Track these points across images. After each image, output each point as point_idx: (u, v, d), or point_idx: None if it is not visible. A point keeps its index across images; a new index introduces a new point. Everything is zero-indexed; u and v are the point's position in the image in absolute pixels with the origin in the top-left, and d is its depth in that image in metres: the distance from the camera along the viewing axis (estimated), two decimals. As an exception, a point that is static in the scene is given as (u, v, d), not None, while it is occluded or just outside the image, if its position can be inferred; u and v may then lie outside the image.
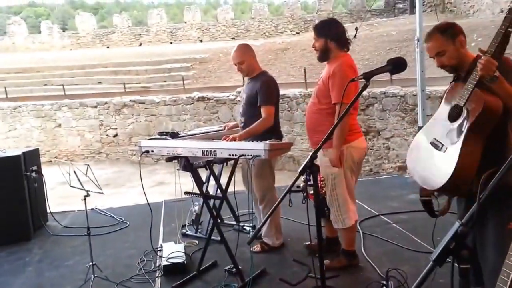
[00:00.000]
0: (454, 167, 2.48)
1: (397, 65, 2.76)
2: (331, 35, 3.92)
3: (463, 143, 2.50)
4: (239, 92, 15.71)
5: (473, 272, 2.80)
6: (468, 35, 14.87)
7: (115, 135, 18.42)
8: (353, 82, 3.34)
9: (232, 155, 3.67)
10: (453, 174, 2.49)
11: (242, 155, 3.59)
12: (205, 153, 3.74)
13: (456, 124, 2.57)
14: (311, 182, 2.54)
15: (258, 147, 3.52)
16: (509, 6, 17.22)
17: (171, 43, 31.34)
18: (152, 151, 4.08)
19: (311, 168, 2.45)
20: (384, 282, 3.41)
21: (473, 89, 2.49)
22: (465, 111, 2.53)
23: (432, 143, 2.70)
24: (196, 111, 16.90)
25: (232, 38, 30.30)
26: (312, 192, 2.73)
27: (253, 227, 5.09)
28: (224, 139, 4.04)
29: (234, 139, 4.01)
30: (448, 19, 19.02)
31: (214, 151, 3.70)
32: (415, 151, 2.90)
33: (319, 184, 2.57)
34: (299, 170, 2.48)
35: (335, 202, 3.97)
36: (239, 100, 4.73)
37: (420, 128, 8.24)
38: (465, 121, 2.51)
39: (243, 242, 4.30)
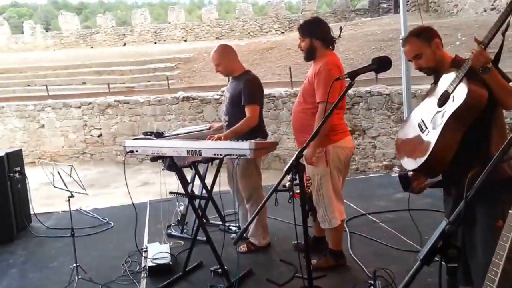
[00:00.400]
0: (430, 151, 2.54)
1: (382, 64, 2.76)
2: (316, 35, 3.91)
3: (442, 128, 2.53)
4: (224, 91, 15.69)
5: (462, 271, 2.80)
6: (452, 34, 15.05)
7: (100, 136, 18.31)
8: (338, 81, 3.34)
9: (217, 154, 3.63)
10: (428, 158, 2.55)
11: (227, 155, 3.55)
12: (190, 152, 3.69)
13: (442, 110, 2.60)
14: (297, 181, 2.50)
15: (244, 146, 3.48)
16: (492, 5, 17.40)
17: (155, 43, 31.19)
18: (137, 151, 4.03)
19: (297, 168, 2.41)
20: (372, 282, 3.38)
21: (462, 77, 2.51)
22: (451, 98, 2.55)
23: (419, 124, 2.74)
24: (181, 111, 16.84)
25: (217, 38, 30.22)
26: (298, 191, 2.70)
27: (239, 227, 5.05)
28: (209, 139, 4.00)
29: (219, 139, 3.97)
30: (431, 18, 19.20)
31: (199, 150, 3.65)
32: (406, 127, 2.94)
33: (305, 184, 2.52)
34: (285, 169, 2.45)
35: (322, 202, 3.95)
36: (223, 100, 4.70)
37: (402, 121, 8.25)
38: (449, 108, 2.54)
39: (229, 242, 4.27)
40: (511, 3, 2.36)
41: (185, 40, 30.95)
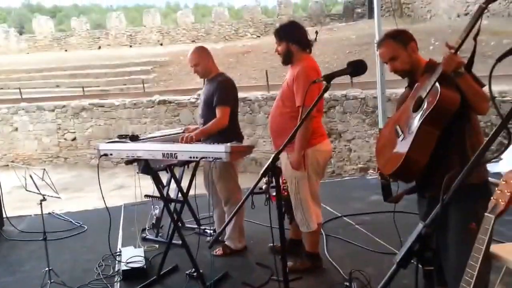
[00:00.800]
0: (405, 155, 2.54)
1: (357, 68, 2.75)
2: (292, 38, 3.91)
3: (416, 132, 2.54)
4: (200, 94, 15.63)
5: (436, 272, 2.82)
6: (426, 39, 15.26)
7: (74, 139, 18.05)
8: (316, 85, 3.35)
9: (193, 157, 3.61)
10: (403, 162, 2.55)
11: (203, 158, 3.54)
12: (165, 155, 3.67)
13: (416, 115, 2.61)
14: (274, 184, 2.50)
15: (219, 149, 3.47)
16: (465, 10, 17.65)
17: (130, 46, 30.93)
18: (111, 154, 3.99)
19: (273, 170, 2.40)
20: (348, 284, 3.40)
21: (434, 82, 2.52)
22: (425, 103, 2.57)
23: (395, 130, 2.76)
24: (157, 114, 16.72)
25: (193, 41, 30.08)
26: (274, 194, 2.70)
27: (214, 230, 5.01)
28: (181, 140, 3.99)
29: (188, 138, 3.96)
30: (405, 23, 19.44)
31: (175, 153, 3.64)
32: (384, 133, 2.97)
33: (282, 186, 2.52)
34: (261, 172, 2.44)
35: (300, 206, 3.94)
36: (199, 102, 4.69)
37: (380, 130, 8.33)
38: (423, 112, 2.55)
39: (205, 245, 4.26)
40: (480, 9, 2.39)
41: (161, 44, 30.77)
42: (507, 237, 4.06)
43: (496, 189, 1.84)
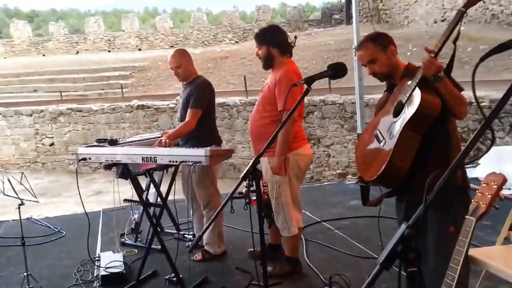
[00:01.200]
0: (387, 161, 2.54)
1: (337, 70, 2.78)
2: (273, 42, 3.90)
3: (398, 138, 2.54)
4: (178, 99, 15.57)
5: (410, 285, 2.84)
6: (404, 45, 15.48)
7: (51, 144, 17.82)
8: (298, 89, 3.39)
9: (173, 161, 3.59)
10: (385, 168, 2.54)
11: (183, 162, 3.51)
12: (145, 159, 3.64)
13: (397, 120, 2.61)
14: (254, 187, 2.49)
15: (199, 153, 3.46)
16: (442, 17, 17.84)
17: (109, 51, 30.73)
18: (90, 158, 3.95)
19: (253, 174, 2.40)
20: (327, 288, 3.40)
21: (415, 87, 2.52)
22: (405, 107, 2.57)
23: (376, 135, 2.75)
24: (135, 119, 16.61)
25: (171, 47, 29.98)
26: (254, 198, 2.69)
27: (193, 235, 4.99)
28: (158, 144, 3.99)
29: (163, 142, 3.97)
30: (383, 29, 19.63)
31: (154, 157, 3.61)
32: (364, 138, 2.96)
33: (262, 190, 2.52)
34: (242, 175, 2.43)
35: (281, 210, 3.94)
36: (178, 106, 4.68)
37: (359, 135, 8.41)
38: (404, 117, 2.56)
39: (184, 250, 4.23)
40: (459, 12, 2.42)
41: (139, 49, 30.64)
42: (485, 241, 4.11)
43: (477, 192, 1.86)
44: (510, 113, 8.75)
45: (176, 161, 3.56)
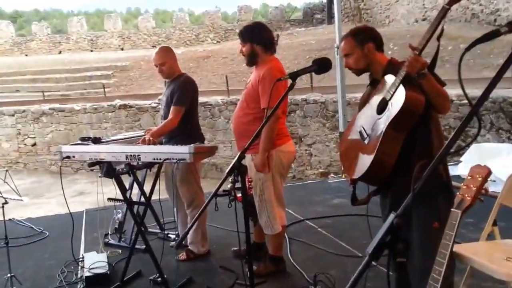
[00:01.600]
0: (372, 159, 2.55)
1: (322, 65, 2.78)
2: (256, 39, 3.90)
3: (383, 136, 2.55)
4: (160, 99, 15.48)
5: (399, 273, 2.81)
6: (385, 43, 15.43)
7: (34, 144, 17.57)
8: (282, 86, 3.40)
9: (157, 159, 3.57)
10: (371, 165, 2.56)
11: (167, 159, 3.49)
12: (128, 157, 3.61)
13: (381, 117, 2.62)
14: (239, 183, 2.49)
15: (183, 150, 3.44)
16: (423, 16, 18.03)
17: (91, 51, 30.50)
18: (74, 157, 3.90)
19: (239, 169, 2.40)
20: (312, 287, 3.40)
21: (399, 84, 2.53)
22: (389, 105, 2.58)
23: (360, 132, 2.76)
24: (117, 119, 16.49)
25: (153, 46, 29.81)
26: (239, 194, 2.69)
27: (177, 235, 4.96)
28: (142, 142, 3.97)
29: (146, 140, 3.96)
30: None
31: (138, 155, 3.58)
32: (348, 135, 2.97)
33: (247, 185, 2.51)
34: (227, 170, 2.43)
35: (264, 208, 3.92)
36: (160, 104, 4.64)
37: (341, 134, 8.45)
38: (388, 115, 2.56)
39: (168, 250, 4.22)
40: (443, 9, 2.44)
41: (122, 49, 30.47)
42: (468, 239, 4.14)
43: (462, 184, 1.88)
44: (491, 110, 8.84)
45: (160, 159, 3.54)
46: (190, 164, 3.89)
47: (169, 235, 5.06)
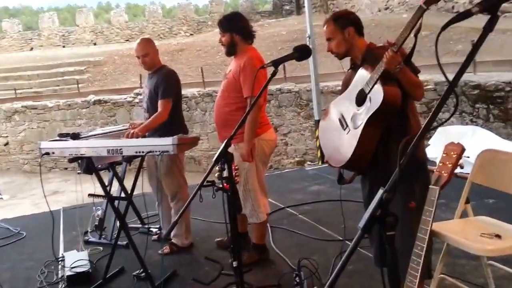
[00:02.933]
0: (353, 151, 2.63)
1: (302, 52, 2.84)
2: (236, 29, 3.93)
3: (363, 129, 2.61)
4: (137, 94, 15.35)
5: (378, 252, 2.94)
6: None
7: (6, 144, 17.30)
8: (263, 75, 3.51)
9: (139, 152, 3.54)
10: (351, 157, 2.64)
11: (150, 152, 3.47)
12: (110, 151, 3.57)
13: (360, 109, 2.68)
14: (226, 171, 2.52)
15: (166, 142, 3.42)
16: (385, 5, 18.24)
17: (63, 46, 29.95)
18: (53, 153, 3.83)
19: (225, 157, 2.42)
20: (297, 273, 3.45)
21: (377, 79, 2.59)
22: (368, 99, 2.64)
23: (339, 120, 2.83)
24: (92, 114, 16.33)
25: (127, 40, 29.55)
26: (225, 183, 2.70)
27: (159, 228, 4.95)
28: (125, 136, 3.94)
29: (132, 134, 3.94)
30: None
31: (120, 149, 3.54)
32: (327, 121, 3.03)
33: (234, 173, 2.54)
34: (214, 158, 2.46)
35: (249, 197, 3.96)
36: (140, 100, 4.61)
37: (317, 122, 8.56)
38: (368, 109, 2.62)
39: (150, 245, 4.20)
40: (420, 10, 2.47)
41: (95, 43, 30.02)
42: (441, 218, 4.22)
43: (438, 161, 1.94)
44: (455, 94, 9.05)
45: (143, 152, 3.51)
46: (175, 156, 3.89)
47: (151, 229, 5.03)
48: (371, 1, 21.48)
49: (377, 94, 2.57)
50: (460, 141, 5.93)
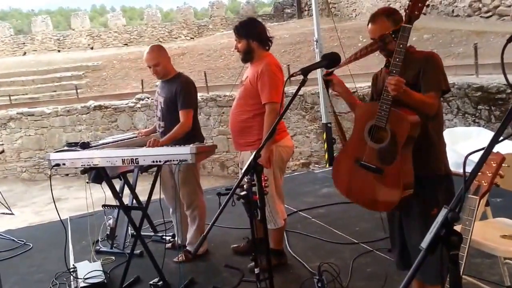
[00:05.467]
0: (401, 185, 2.57)
1: (331, 60, 2.77)
2: (253, 35, 3.90)
3: (400, 160, 2.57)
4: (139, 99, 15.27)
5: (400, 255, 2.93)
6: (355, 36, 15.90)
7: (2, 152, 16.98)
8: (281, 82, 3.57)
9: (156, 161, 3.49)
10: (402, 192, 2.58)
11: (168, 161, 3.43)
12: (125, 161, 3.52)
13: (383, 145, 2.62)
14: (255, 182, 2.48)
15: (184, 151, 3.38)
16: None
17: (59, 51, 29.61)
18: (64, 164, 3.75)
19: (255, 168, 2.39)
20: (318, 277, 3.42)
21: (389, 109, 2.54)
22: (389, 132, 2.58)
23: (364, 166, 2.72)
24: (92, 120, 16.16)
25: (125, 45, 29.38)
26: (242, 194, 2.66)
27: (173, 235, 4.89)
28: (149, 144, 3.87)
29: (156, 143, 3.86)
30: (332, 22, 19.86)
31: (136, 159, 3.49)
32: (345, 177, 2.92)
33: (263, 184, 2.50)
34: (243, 170, 2.42)
35: (267, 203, 3.89)
36: (155, 105, 4.46)
37: (324, 124, 8.57)
38: (394, 142, 2.58)
39: (165, 253, 4.12)
40: (406, 28, 2.51)
41: (92, 48, 29.77)
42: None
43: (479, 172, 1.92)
44: (457, 96, 9.13)
45: (160, 161, 3.46)
46: (191, 165, 3.83)
47: (163, 237, 4.96)
48: (373, 5, 21.53)
49: (399, 122, 2.54)
50: (466, 142, 5.97)
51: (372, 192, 2.73)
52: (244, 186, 2.43)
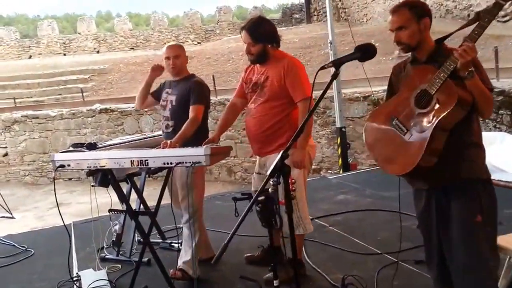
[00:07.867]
0: (421, 156, 2.42)
1: (366, 52, 2.49)
2: (268, 39, 3.78)
3: (432, 133, 2.40)
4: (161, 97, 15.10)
5: (439, 271, 2.72)
6: (367, 40, 15.79)
7: (5, 155, 16.96)
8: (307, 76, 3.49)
9: (168, 163, 3.25)
10: (420, 162, 2.43)
11: (179, 163, 3.18)
12: (134, 163, 3.28)
13: (424, 111, 2.47)
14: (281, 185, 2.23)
15: (198, 152, 3.15)
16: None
17: (64, 54, 29.64)
18: (69, 165, 3.54)
19: (282, 170, 2.15)
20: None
21: (445, 79, 2.38)
22: (434, 100, 2.43)
23: (396, 125, 2.61)
24: (98, 123, 16.02)
25: (131, 49, 29.43)
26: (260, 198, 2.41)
27: (181, 243, 4.62)
28: (164, 145, 3.60)
29: (171, 144, 3.59)
30: (343, 27, 19.70)
31: (145, 160, 3.26)
32: (377, 126, 2.79)
33: (291, 187, 2.25)
34: (269, 172, 2.19)
35: (296, 207, 3.65)
36: (164, 105, 4.24)
37: (339, 129, 8.40)
38: (435, 112, 2.42)
39: (173, 261, 3.96)
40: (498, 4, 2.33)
41: (98, 51, 29.79)
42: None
43: None
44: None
45: (171, 163, 3.22)
46: (202, 168, 3.58)
47: (172, 244, 4.75)
48: (384, 9, 21.48)
49: (449, 94, 2.37)
50: (490, 147, 5.79)
51: (393, 151, 2.63)
52: (269, 189, 2.16)
